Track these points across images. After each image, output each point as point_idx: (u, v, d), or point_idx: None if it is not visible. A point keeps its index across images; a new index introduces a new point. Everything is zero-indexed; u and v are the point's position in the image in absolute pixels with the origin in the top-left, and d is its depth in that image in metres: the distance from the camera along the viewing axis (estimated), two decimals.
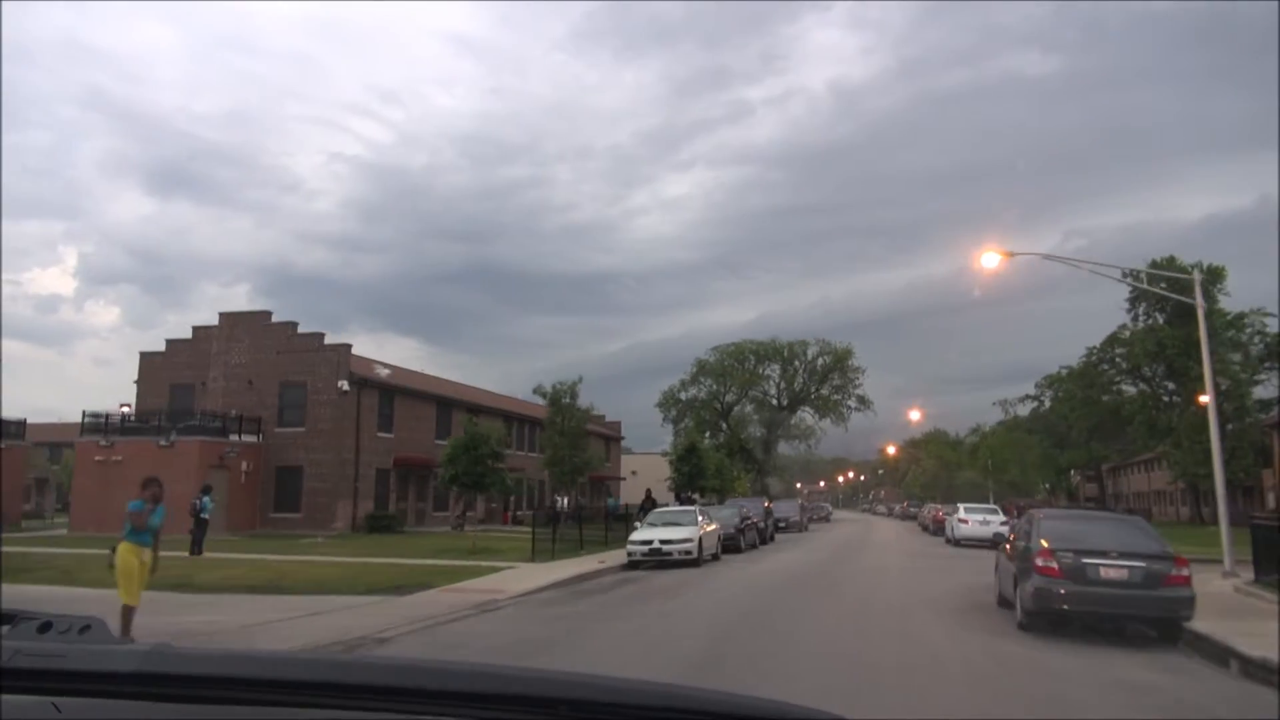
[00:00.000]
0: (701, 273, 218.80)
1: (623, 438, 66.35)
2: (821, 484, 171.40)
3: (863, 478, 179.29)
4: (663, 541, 22.95)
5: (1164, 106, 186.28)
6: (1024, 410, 78.73)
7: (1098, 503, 77.62)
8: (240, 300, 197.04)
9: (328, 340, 36.02)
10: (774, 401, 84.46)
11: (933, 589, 18.19)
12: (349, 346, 36.06)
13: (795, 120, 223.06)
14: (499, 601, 15.61)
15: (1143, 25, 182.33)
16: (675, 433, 69.07)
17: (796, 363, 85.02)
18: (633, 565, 23.06)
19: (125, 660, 1.18)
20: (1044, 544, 11.92)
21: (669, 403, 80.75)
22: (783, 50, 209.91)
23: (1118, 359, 67.27)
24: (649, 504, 37.38)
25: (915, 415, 61.91)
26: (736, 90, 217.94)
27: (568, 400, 33.19)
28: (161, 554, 10.76)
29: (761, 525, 33.98)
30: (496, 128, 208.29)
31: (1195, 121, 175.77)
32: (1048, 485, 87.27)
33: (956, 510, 36.57)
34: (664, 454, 58.64)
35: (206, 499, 23.79)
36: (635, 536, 23.74)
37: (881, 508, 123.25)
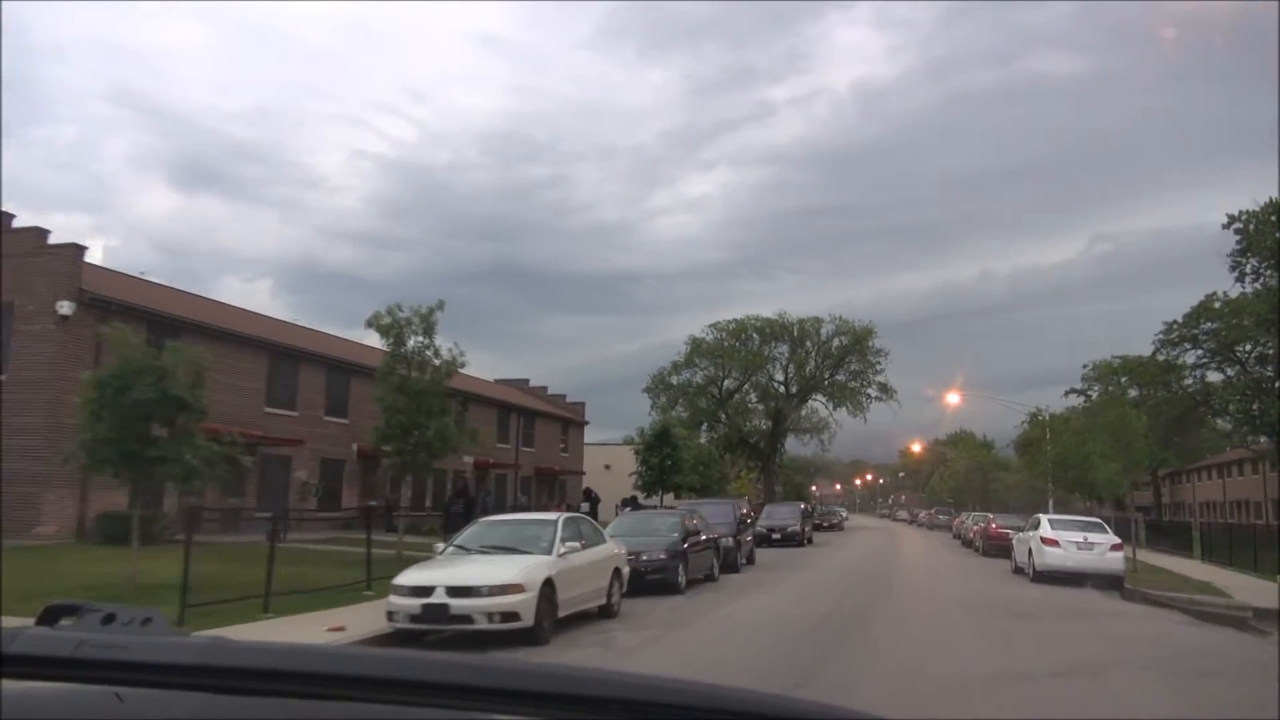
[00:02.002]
0: (724, 273, 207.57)
1: (586, 422, 53.69)
2: (838, 486, 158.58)
3: (881, 481, 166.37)
4: (453, 591, 10.33)
5: (1195, 108, 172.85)
6: (1061, 406, 65.87)
7: (1147, 513, 64.77)
8: (263, 298, 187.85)
9: (53, 240, 22.68)
10: (781, 388, 71.91)
11: None
12: (81, 249, 22.75)
13: (820, 120, 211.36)
14: None
15: (1174, 26, 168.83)
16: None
17: (808, 343, 72.38)
18: (399, 639, 10.58)
19: (185, 652, 1.17)
20: None
21: (657, 387, 68.28)
22: (807, 50, 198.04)
23: (1200, 336, 54.83)
24: (467, 504, 24.50)
25: (954, 399, 49.13)
26: (760, 90, 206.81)
27: (419, 339, 20.31)
28: None
29: (729, 543, 21.30)
30: (520, 126, 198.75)
31: (1227, 123, 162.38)
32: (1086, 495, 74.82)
33: (1037, 524, 22.58)
34: (628, 441, 45.85)
35: None
36: (404, 579, 11.01)
37: (903, 514, 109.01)
